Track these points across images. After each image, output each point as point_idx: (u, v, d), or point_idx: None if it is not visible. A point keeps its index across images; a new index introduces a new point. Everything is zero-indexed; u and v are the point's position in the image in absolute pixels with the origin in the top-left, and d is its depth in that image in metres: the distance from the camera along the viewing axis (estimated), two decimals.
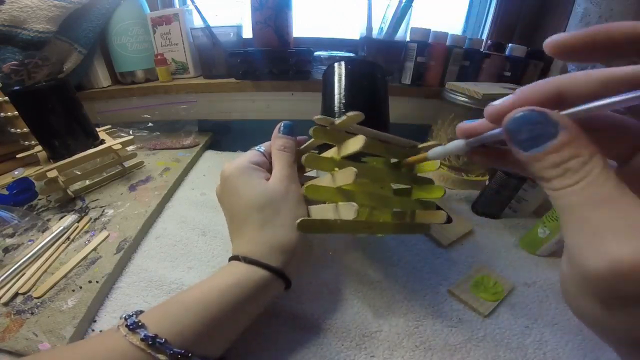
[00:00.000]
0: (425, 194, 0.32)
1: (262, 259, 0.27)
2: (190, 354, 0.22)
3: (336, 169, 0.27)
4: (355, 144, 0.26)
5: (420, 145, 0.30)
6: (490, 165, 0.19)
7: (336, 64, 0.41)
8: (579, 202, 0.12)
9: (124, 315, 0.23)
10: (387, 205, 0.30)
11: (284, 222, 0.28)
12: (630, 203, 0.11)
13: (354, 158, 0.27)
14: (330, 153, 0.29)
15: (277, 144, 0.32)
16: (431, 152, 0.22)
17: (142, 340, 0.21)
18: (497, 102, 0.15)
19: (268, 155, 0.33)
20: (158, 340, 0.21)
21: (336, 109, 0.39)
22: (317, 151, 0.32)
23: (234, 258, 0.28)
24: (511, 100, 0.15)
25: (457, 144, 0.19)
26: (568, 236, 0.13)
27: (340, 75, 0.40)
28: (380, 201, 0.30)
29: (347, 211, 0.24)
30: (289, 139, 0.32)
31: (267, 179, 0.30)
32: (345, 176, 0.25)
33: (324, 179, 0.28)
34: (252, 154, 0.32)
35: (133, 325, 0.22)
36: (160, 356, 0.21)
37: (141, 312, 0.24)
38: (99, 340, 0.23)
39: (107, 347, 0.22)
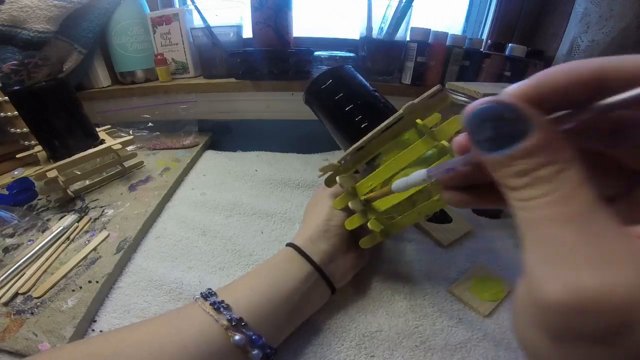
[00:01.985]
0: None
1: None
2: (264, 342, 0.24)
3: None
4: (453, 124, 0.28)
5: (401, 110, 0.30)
6: (464, 206, 0.16)
7: (306, 97, 0.41)
8: (544, 217, 0.10)
9: (203, 294, 0.26)
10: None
11: (310, 221, 0.35)
12: (605, 225, 0.10)
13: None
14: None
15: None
16: (394, 185, 0.21)
17: (228, 320, 0.24)
18: (482, 100, 0.12)
19: None
20: (242, 323, 0.24)
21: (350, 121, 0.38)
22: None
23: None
24: (520, 90, 0.11)
25: (418, 174, 0.17)
26: (527, 255, 0.11)
27: (322, 106, 0.40)
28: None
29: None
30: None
31: None
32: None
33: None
34: None
35: (217, 305, 0.24)
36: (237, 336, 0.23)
37: (213, 291, 0.27)
38: (175, 315, 0.25)
39: (191, 323, 0.24)
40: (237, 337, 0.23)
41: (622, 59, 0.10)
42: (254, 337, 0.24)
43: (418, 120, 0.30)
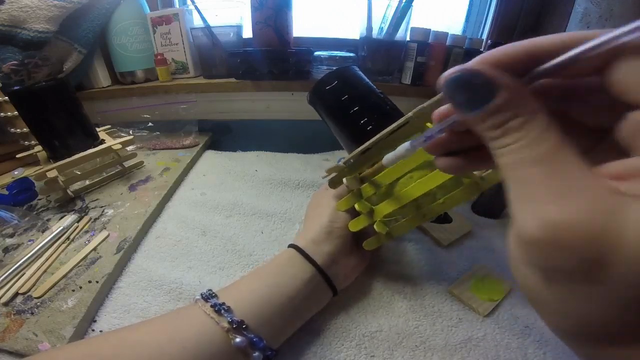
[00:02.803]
0: None
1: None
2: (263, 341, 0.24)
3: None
4: None
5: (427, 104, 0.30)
6: (458, 171, 0.17)
7: (316, 96, 0.41)
8: (515, 161, 0.12)
9: (203, 295, 0.26)
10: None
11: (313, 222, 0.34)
12: (569, 162, 0.11)
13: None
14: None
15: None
16: (385, 159, 0.21)
17: (229, 323, 0.24)
18: (447, 72, 0.14)
19: None
20: (243, 326, 0.24)
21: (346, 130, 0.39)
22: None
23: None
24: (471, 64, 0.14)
25: (404, 145, 0.18)
26: (509, 198, 0.12)
27: (327, 107, 0.40)
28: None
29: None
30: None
31: None
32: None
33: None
34: None
35: (218, 307, 0.24)
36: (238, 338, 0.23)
37: (214, 292, 0.27)
38: (175, 316, 0.26)
39: (191, 325, 0.24)
40: (238, 340, 0.23)
41: (550, 36, 0.13)
42: (255, 339, 0.24)
43: (428, 124, 0.30)
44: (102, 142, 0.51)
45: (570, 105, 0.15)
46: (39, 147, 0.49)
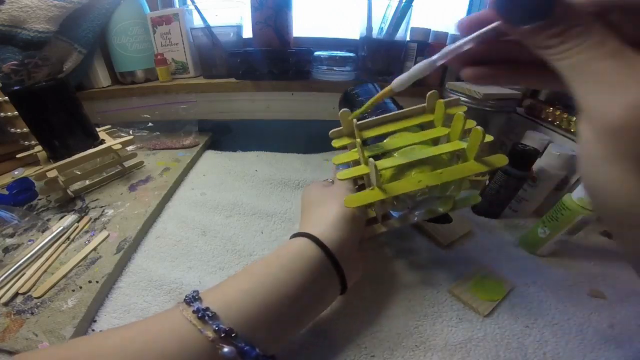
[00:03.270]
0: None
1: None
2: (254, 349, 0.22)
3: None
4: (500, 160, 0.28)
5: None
6: (483, 81, 0.18)
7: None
8: (586, 58, 0.12)
9: (187, 298, 0.23)
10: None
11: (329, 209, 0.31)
12: (636, 58, 0.12)
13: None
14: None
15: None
16: (395, 83, 0.20)
17: (214, 331, 0.21)
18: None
19: None
20: (232, 334, 0.21)
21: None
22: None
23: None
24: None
25: (421, 63, 0.18)
26: (581, 95, 0.13)
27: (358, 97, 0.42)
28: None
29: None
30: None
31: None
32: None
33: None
34: None
35: (201, 313, 0.21)
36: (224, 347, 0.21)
37: (198, 295, 0.24)
38: (155, 321, 0.23)
39: (173, 333, 0.21)
40: (225, 350, 0.20)
41: None
42: (246, 348, 0.21)
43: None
44: (102, 142, 0.51)
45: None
46: (39, 147, 0.49)
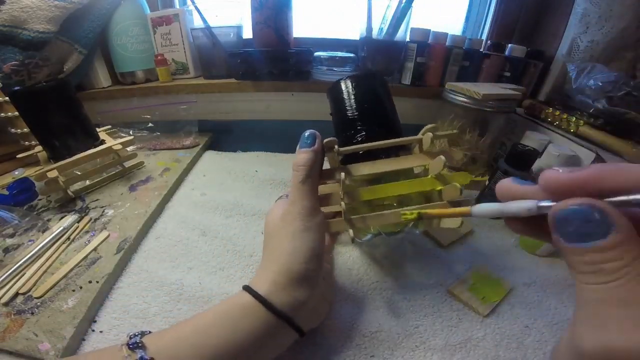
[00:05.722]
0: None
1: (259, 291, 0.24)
2: None
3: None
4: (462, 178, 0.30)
5: (420, 135, 0.33)
6: (524, 234, 0.18)
7: (342, 82, 0.40)
8: (602, 299, 0.12)
9: (130, 334, 0.23)
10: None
11: (278, 256, 0.26)
12: None
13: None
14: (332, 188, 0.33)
15: (294, 162, 0.30)
16: (476, 209, 0.19)
17: None
18: (560, 173, 0.14)
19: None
20: None
21: (350, 127, 0.38)
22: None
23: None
24: (581, 176, 0.13)
25: (522, 206, 0.15)
26: (578, 318, 0.13)
27: (348, 93, 0.40)
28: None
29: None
30: (304, 153, 0.29)
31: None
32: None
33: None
34: None
35: (134, 345, 0.21)
36: None
37: (149, 332, 0.23)
38: (97, 355, 0.23)
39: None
40: None
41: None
42: None
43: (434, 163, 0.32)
44: (103, 142, 0.51)
45: None
46: (39, 148, 0.49)
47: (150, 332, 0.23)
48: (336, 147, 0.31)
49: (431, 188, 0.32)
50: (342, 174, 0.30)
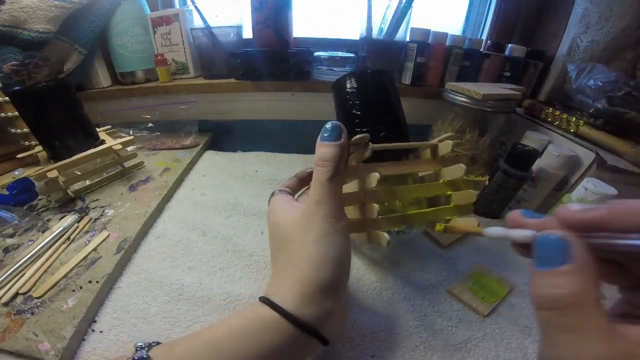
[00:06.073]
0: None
1: (279, 302, 0.22)
2: None
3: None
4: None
5: (436, 141, 0.34)
6: (526, 257, 0.18)
7: (347, 81, 0.39)
8: (555, 325, 0.13)
9: (137, 345, 0.21)
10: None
11: (300, 262, 0.23)
12: (594, 334, 0.13)
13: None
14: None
15: (315, 156, 0.26)
16: (490, 231, 0.20)
17: None
18: (573, 211, 0.15)
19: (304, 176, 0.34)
20: None
21: (356, 123, 0.38)
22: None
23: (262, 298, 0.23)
24: (597, 214, 0.14)
25: (524, 233, 0.17)
26: (541, 334, 0.15)
27: (353, 89, 0.39)
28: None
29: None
30: (330, 147, 0.25)
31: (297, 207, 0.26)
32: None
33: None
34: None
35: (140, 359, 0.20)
36: None
37: (156, 343, 0.22)
38: None
39: None
40: None
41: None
42: None
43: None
44: (103, 142, 0.51)
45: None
46: (39, 148, 0.49)
47: (158, 342, 0.22)
48: (371, 144, 0.29)
49: (442, 192, 0.33)
50: (376, 175, 0.28)
